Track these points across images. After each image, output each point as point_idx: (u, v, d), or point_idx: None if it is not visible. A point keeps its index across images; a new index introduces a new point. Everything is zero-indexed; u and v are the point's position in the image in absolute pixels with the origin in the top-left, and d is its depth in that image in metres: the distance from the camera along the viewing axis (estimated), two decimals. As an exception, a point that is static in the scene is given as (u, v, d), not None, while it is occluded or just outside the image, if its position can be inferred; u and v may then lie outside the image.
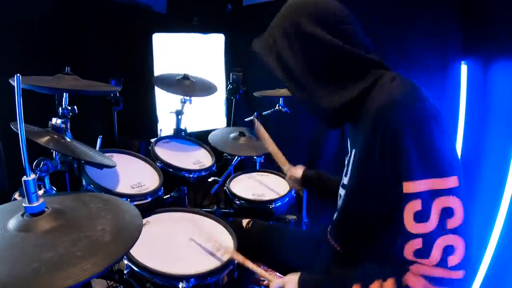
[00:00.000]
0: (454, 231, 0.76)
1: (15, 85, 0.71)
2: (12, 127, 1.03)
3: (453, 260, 0.76)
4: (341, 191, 1.06)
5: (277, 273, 1.32)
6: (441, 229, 0.76)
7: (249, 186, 1.85)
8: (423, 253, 0.77)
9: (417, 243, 0.78)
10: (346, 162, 1.06)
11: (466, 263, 0.76)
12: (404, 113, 0.80)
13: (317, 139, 2.87)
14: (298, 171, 1.45)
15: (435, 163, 0.78)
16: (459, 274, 0.76)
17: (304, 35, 0.92)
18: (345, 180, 1.04)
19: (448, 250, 0.76)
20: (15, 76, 0.72)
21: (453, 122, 2.00)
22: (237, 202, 1.71)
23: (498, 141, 1.75)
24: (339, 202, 1.08)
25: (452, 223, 0.76)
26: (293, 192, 1.81)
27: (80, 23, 2.42)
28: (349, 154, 1.03)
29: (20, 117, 0.71)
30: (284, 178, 1.94)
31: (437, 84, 2.04)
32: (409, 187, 0.78)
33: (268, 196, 1.75)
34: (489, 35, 1.83)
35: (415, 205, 0.78)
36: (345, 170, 1.05)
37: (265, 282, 1.38)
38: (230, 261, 1.17)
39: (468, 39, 1.97)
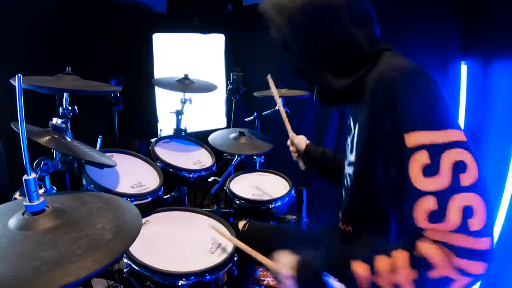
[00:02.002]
0: (470, 188, 0.69)
1: (16, 85, 0.71)
2: (13, 127, 1.03)
3: (474, 223, 0.68)
4: (349, 170, 1.03)
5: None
6: (455, 186, 0.69)
7: (249, 186, 1.85)
8: (438, 215, 0.69)
9: (429, 203, 0.71)
10: (349, 142, 1.04)
11: (490, 229, 0.68)
12: (401, 73, 0.81)
13: (317, 139, 2.87)
14: (301, 142, 1.43)
15: (437, 114, 0.76)
16: (486, 243, 0.68)
17: (319, 6, 0.90)
18: (351, 158, 1.01)
19: (468, 211, 0.68)
20: (16, 76, 0.72)
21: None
22: (237, 202, 1.72)
23: (498, 141, 1.76)
24: (348, 181, 1.04)
25: (466, 179, 0.70)
26: (293, 192, 1.81)
27: (80, 23, 2.43)
28: (352, 132, 1.02)
29: (21, 117, 0.72)
30: (284, 178, 1.94)
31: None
32: (412, 138, 0.75)
33: (268, 196, 1.75)
34: (489, 35, 1.84)
35: (422, 158, 0.73)
36: (349, 149, 1.04)
37: (265, 282, 1.38)
38: (230, 259, 1.17)
39: (468, 39, 1.98)
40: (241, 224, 1.43)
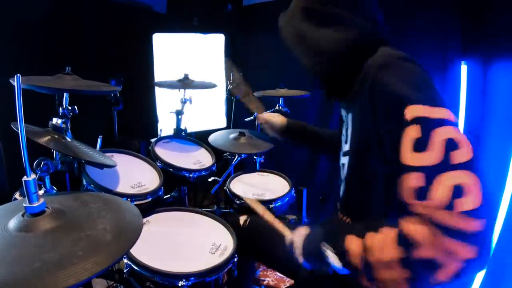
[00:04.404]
0: (462, 166, 0.65)
1: (15, 85, 0.71)
2: (13, 127, 1.03)
3: (466, 203, 0.63)
4: (344, 160, 1.03)
5: (277, 272, 1.32)
6: (445, 163, 0.66)
7: (249, 186, 1.85)
8: (426, 192, 0.66)
9: (417, 179, 0.68)
10: (344, 132, 1.06)
11: (485, 210, 0.63)
12: (393, 57, 0.85)
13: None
14: (278, 119, 1.57)
15: (431, 92, 0.76)
16: (477, 224, 0.62)
17: (318, 9, 0.96)
18: (345, 147, 1.02)
19: (458, 190, 0.64)
20: (16, 76, 0.72)
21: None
22: (237, 202, 1.71)
23: (498, 141, 1.76)
24: (343, 172, 1.04)
25: (459, 156, 0.66)
26: (293, 192, 1.81)
27: (80, 23, 2.42)
28: (345, 122, 1.04)
29: (20, 117, 0.71)
30: (284, 178, 1.94)
31: (437, 84, 2.04)
32: (408, 110, 0.73)
33: (268, 196, 1.75)
34: (489, 35, 1.84)
35: (414, 131, 0.70)
36: (344, 139, 1.05)
37: (265, 282, 1.38)
38: (230, 260, 1.17)
39: (468, 39, 1.97)
40: (242, 219, 1.43)
